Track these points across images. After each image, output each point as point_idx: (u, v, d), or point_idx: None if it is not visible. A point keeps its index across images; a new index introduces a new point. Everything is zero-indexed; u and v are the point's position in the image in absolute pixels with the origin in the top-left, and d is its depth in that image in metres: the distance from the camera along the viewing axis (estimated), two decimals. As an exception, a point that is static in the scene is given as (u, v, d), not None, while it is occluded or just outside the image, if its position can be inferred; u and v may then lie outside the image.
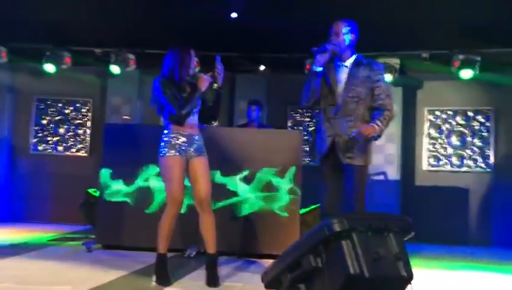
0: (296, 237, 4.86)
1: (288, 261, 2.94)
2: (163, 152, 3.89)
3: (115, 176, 5.40)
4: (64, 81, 8.13)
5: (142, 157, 5.32)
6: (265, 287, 3.15)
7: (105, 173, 5.41)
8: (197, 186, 3.93)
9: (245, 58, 7.76)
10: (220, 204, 5.20)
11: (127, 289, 3.80)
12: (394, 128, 7.40)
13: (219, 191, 5.06)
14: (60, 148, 8.31)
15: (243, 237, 5.28)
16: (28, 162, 8.24)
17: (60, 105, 8.35)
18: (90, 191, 6.18)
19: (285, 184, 5.30)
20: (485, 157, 7.65)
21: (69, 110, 8.35)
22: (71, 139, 8.32)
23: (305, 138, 7.41)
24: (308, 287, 2.88)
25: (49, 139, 8.31)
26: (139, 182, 5.39)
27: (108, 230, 5.39)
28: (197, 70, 4.47)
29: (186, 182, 3.95)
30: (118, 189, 5.39)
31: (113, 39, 7.46)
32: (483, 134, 7.70)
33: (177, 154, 3.87)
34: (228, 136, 5.48)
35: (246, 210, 5.31)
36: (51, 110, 8.34)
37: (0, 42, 7.55)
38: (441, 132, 7.84)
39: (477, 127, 7.72)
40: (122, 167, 5.38)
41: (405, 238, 2.96)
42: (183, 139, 3.91)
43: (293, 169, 5.31)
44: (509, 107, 7.61)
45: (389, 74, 7.12)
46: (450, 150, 7.79)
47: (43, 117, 8.33)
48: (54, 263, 4.56)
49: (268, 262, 4.59)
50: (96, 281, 3.81)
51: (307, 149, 6.89)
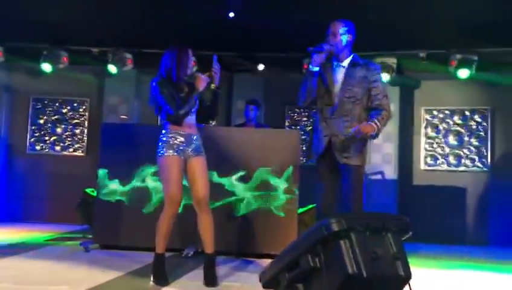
0: (294, 237, 4.87)
1: (286, 260, 2.94)
2: (161, 152, 3.89)
3: (112, 176, 5.39)
4: (61, 81, 8.13)
5: (139, 157, 5.32)
6: (263, 287, 3.15)
7: (102, 173, 5.41)
8: (195, 186, 3.93)
9: (243, 57, 7.75)
10: (218, 204, 5.20)
11: (125, 288, 3.79)
12: (391, 127, 7.42)
13: (216, 191, 5.06)
14: (57, 147, 8.29)
15: (241, 237, 5.28)
16: (25, 162, 8.22)
17: (57, 104, 8.34)
18: (88, 190, 6.16)
19: (282, 184, 5.30)
20: (482, 157, 7.66)
21: (66, 110, 8.33)
22: (68, 139, 8.30)
23: (303, 137, 7.41)
24: (306, 287, 2.87)
25: (46, 138, 8.30)
26: (137, 181, 5.39)
27: (105, 230, 5.38)
28: (194, 70, 4.47)
29: (184, 182, 3.95)
30: (115, 189, 5.39)
31: (111, 38, 7.45)
32: (480, 133, 7.70)
33: (175, 154, 3.87)
34: (226, 136, 5.47)
35: (243, 210, 5.31)
36: (48, 109, 8.33)
37: (-3, 42, 7.56)
38: (438, 131, 7.85)
39: (474, 127, 7.73)
40: (120, 167, 5.37)
41: (403, 238, 2.96)
42: (181, 139, 3.90)
43: (290, 169, 5.31)
44: (506, 107, 7.63)
45: (386, 74, 7.12)
46: (447, 150, 7.80)
47: (40, 117, 8.32)
48: (52, 263, 4.56)
49: (266, 262, 4.58)
50: (93, 281, 3.81)
51: (305, 149, 6.89)
